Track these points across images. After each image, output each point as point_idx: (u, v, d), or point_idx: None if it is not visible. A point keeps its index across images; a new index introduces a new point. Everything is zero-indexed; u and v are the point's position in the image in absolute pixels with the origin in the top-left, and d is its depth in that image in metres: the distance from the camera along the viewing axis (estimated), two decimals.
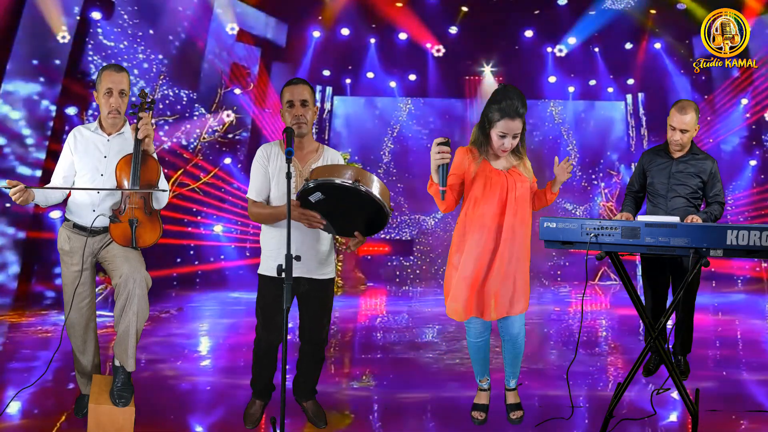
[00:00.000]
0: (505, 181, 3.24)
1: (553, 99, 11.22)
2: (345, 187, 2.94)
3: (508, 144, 3.19)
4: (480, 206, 3.22)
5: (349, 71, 10.89)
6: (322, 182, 2.95)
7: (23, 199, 3.11)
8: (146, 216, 3.28)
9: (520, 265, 3.26)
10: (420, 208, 11.12)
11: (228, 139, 9.11)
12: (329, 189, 2.97)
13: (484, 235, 3.20)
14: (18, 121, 7.31)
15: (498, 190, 3.22)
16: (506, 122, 3.13)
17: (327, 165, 3.11)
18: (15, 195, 3.09)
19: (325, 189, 2.97)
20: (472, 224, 3.23)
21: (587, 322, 6.53)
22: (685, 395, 3.08)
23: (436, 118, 11.40)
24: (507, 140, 3.18)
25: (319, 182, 2.95)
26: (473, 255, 3.20)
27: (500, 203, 3.22)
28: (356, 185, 2.93)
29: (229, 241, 9.60)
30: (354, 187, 2.93)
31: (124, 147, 3.34)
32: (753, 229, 2.82)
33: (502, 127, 3.14)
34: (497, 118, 3.14)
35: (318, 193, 2.99)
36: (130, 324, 3.13)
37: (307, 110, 3.23)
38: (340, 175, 2.95)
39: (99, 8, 7.85)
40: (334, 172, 2.97)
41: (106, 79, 3.29)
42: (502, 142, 3.18)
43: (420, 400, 3.93)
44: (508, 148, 3.21)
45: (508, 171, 3.27)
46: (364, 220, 3.13)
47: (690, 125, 3.96)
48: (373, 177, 3.01)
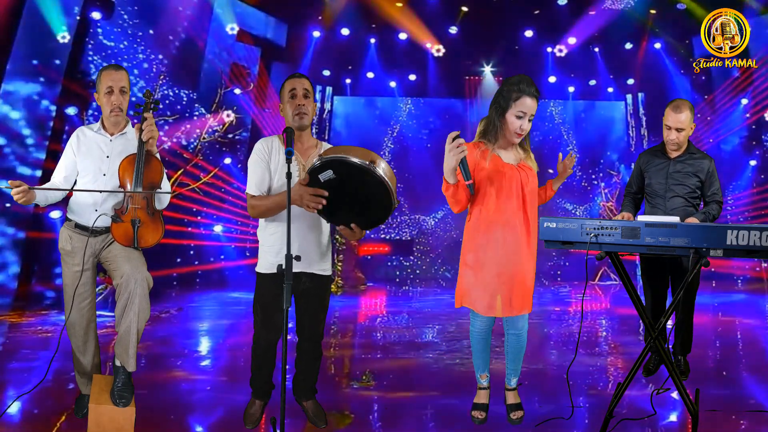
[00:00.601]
0: (518, 175, 3.22)
1: (553, 99, 11.22)
2: (359, 166, 2.83)
3: (526, 125, 3.16)
4: (499, 202, 3.18)
5: (349, 71, 10.89)
6: (335, 159, 2.83)
7: (26, 199, 3.12)
8: (149, 216, 3.28)
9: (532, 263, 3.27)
10: (420, 208, 11.13)
11: (228, 139, 9.11)
12: (341, 167, 2.85)
13: (507, 231, 3.17)
14: (18, 121, 7.31)
15: (514, 185, 3.19)
16: (524, 100, 3.12)
17: (340, 145, 3.02)
18: (17, 195, 3.10)
19: (338, 166, 2.85)
20: (493, 221, 3.18)
21: (587, 322, 6.53)
22: (685, 395, 3.08)
23: (436, 118, 11.40)
24: (524, 121, 3.15)
25: (332, 158, 2.83)
26: (499, 252, 3.17)
27: (518, 198, 3.20)
28: (371, 166, 2.82)
29: (229, 241, 9.60)
30: (369, 168, 2.82)
31: (127, 147, 3.35)
32: (753, 229, 2.82)
33: (521, 106, 3.12)
34: (515, 97, 3.12)
35: (329, 172, 2.86)
36: (131, 324, 3.12)
37: (309, 102, 3.22)
38: (354, 154, 2.84)
39: (99, 8, 7.85)
40: (349, 151, 2.86)
41: (106, 78, 3.30)
42: (519, 123, 3.15)
43: (420, 400, 3.92)
44: (526, 129, 3.17)
45: (519, 165, 3.25)
46: (368, 208, 2.99)
47: (685, 123, 3.96)
48: (385, 162, 2.91)
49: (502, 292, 3.19)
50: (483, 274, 3.20)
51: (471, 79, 11.03)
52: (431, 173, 10.69)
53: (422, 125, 11.37)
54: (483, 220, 3.21)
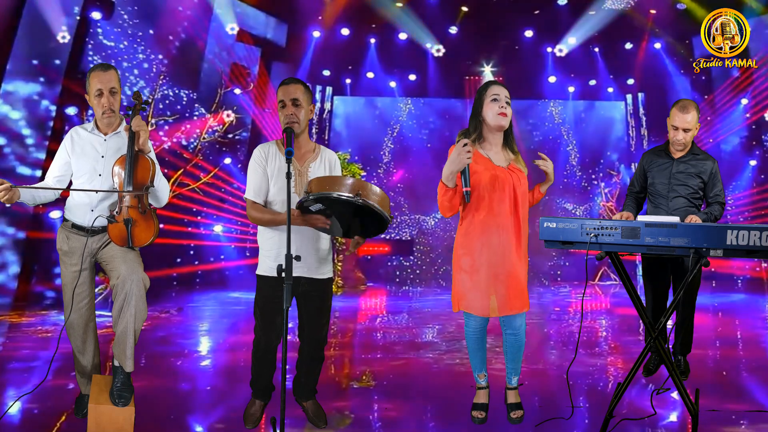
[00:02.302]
0: (510, 178, 3.24)
1: (553, 99, 11.22)
2: (345, 200, 2.94)
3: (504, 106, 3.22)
4: (493, 205, 3.19)
5: (349, 71, 10.89)
6: (321, 196, 2.95)
7: (8, 197, 3.09)
8: (140, 215, 3.26)
9: (524, 263, 3.30)
10: (420, 208, 11.13)
11: (228, 139, 9.11)
12: (330, 201, 2.98)
13: (501, 233, 3.19)
14: (18, 121, 7.32)
15: (507, 187, 3.22)
16: (492, 87, 3.26)
17: (327, 176, 3.10)
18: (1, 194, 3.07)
19: (326, 201, 2.98)
20: (488, 224, 3.20)
21: (587, 322, 6.53)
22: (685, 395, 3.08)
23: (436, 118, 11.40)
24: (501, 102, 3.22)
25: (319, 196, 2.95)
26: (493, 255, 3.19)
27: (511, 200, 3.22)
28: (356, 199, 2.92)
29: (229, 241, 9.61)
30: (354, 201, 2.93)
31: (121, 146, 3.34)
32: (753, 229, 2.82)
33: (491, 92, 3.24)
34: (483, 90, 3.28)
35: (318, 205, 3.01)
36: (128, 325, 3.13)
37: (299, 109, 3.20)
38: (340, 187, 2.95)
39: (99, 8, 7.86)
40: (335, 185, 2.96)
41: (95, 80, 3.29)
42: (497, 105, 3.22)
43: (420, 400, 3.92)
44: (505, 111, 3.22)
45: (509, 167, 3.28)
46: (364, 225, 3.17)
47: (692, 124, 3.97)
48: (372, 187, 3.00)
49: (497, 293, 3.21)
50: (478, 277, 3.22)
51: (471, 79, 11.03)
52: (431, 173, 10.70)
53: (422, 125, 11.37)
54: (477, 223, 3.23)
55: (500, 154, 3.30)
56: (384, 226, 3.13)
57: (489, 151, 3.29)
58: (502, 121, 3.24)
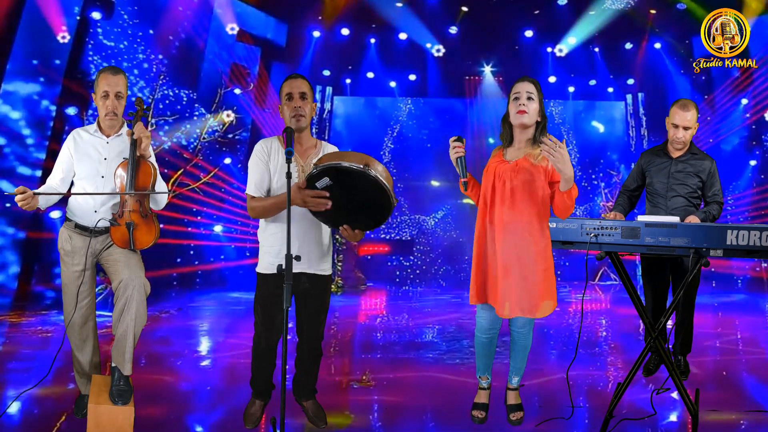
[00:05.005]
0: (508, 170, 3.13)
1: (553, 99, 11.21)
2: (353, 171, 2.85)
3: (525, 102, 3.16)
4: (493, 200, 3.18)
5: (349, 71, 10.88)
6: (330, 166, 2.87)
7: (30, 205, 3.16)
8: (142, 218, 3.30)
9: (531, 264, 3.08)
10: (420, 208, 11.12)
11: (228, 139, 9.11)
12: (337, 173, 2.88)
13: (485, 229, 3.19)
14: (18, 121, 7.32)
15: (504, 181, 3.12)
16: (515, 86, 3.23)
17: (334, 152, 3.07)
18: (22, 202, 3.13)
19: (333, 173, 2.88)
20: (478, 220, 3.24)
21: (587, 322, 6.53)
22: (685, 395, 3.08)
23: (436, 118, 11.39)
24: (522, 100, 3.16)
25: (327, 166, 2.87)
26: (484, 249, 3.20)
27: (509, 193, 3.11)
28: (366, 169, 2.84)
29: (229, 241, 9.60)
30: (363, 171, 2.84)
31: (123, 149, 3.37)
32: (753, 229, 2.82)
33: (514, 91, 3.21)
34: (510, 91, 3.26)
35: (326, 179, 2.90)
36: (127, 329, 3.15)
37: (306, 104, 3.21)
38: (348, 159, 2.88)
39: (99, 8, 7.85)
40: (343, 157, 2.90)
41: (103, 81, 3.31)
42: (517, 103, 3.18)
43: (420, 400, 3.93)
44: (528, 106, 3.15)
45: (516, 161, 3.16)
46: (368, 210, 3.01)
47: (692, 122, 4.00)
48: (380, 164, 2.94)
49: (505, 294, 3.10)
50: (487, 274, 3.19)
51: (471, 79, 11.02)
52: (431, 173, 10.70)
53: (422, 125, 11.36)
54: (480, 219, 3.24)
55: (519, 151, 3.20)
56: (388, 210, 2.97)
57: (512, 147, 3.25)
58: (521, 119, 3.17)
